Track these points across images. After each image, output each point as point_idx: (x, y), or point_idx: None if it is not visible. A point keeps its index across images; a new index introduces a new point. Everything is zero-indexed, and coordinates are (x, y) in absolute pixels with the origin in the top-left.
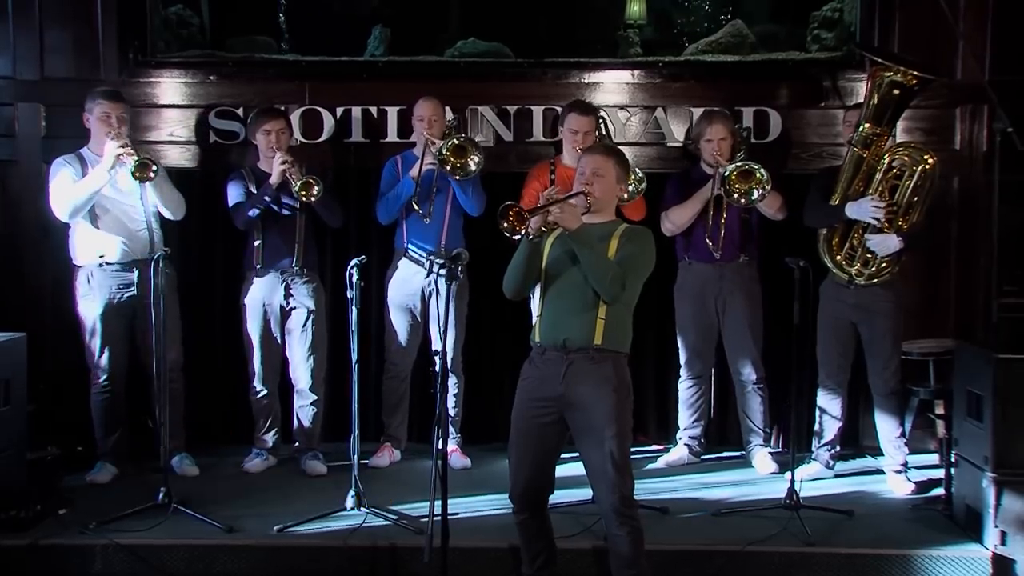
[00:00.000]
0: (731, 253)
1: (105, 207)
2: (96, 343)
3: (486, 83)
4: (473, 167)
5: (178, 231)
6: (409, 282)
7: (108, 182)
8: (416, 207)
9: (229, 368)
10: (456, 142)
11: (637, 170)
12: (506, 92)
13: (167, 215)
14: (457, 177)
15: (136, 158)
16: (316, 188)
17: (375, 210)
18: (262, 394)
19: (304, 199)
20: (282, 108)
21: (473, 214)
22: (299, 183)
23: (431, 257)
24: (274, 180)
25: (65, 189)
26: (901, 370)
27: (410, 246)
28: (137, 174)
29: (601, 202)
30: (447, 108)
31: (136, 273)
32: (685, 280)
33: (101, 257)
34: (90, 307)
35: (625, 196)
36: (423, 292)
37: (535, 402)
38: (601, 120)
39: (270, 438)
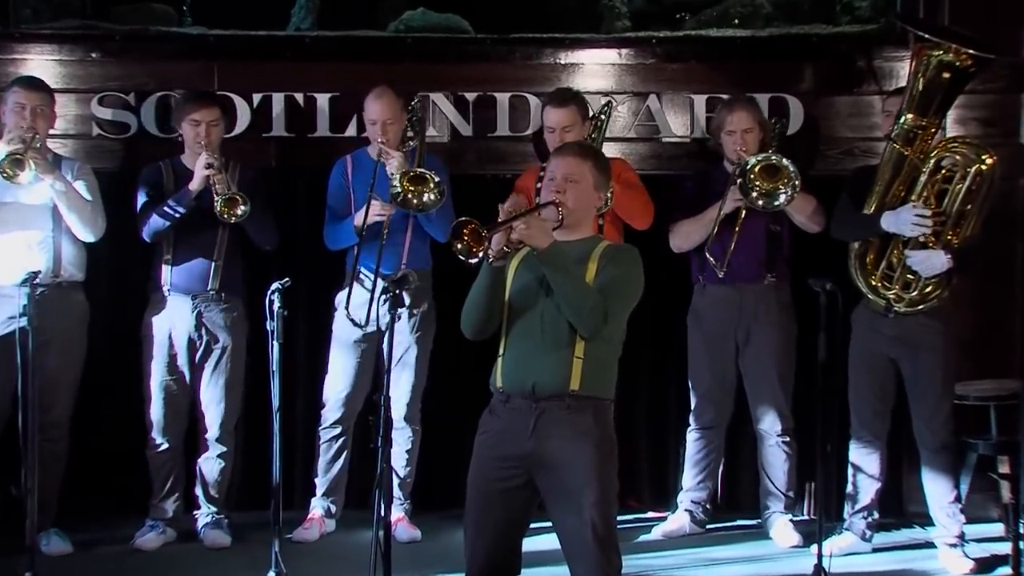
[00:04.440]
0: (755, 272)
1: (4, 218)
2: None
3: (439, 64)
4: (429, 202)
5: None
6: (360, 313)
7: None
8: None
9: (120, 418)
10: (413, 173)
11: None
12: (464, 75)
13: (75, 231)
14: (411, 210)
15: (31, 155)
16: (241, 208)
17: (323, 230)
18: (162, 448)
19: (225, 218)
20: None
21: (441, 240)
22: (222, 199)
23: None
24: (194, 186)
25: None
26: (954, 419)
27: (362, 269)
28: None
29: (576, 214)
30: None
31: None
32: (699, 307)
33: None
34: None
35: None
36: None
37: (497, 461)
38: (604, 108)
39: (170, 506)
